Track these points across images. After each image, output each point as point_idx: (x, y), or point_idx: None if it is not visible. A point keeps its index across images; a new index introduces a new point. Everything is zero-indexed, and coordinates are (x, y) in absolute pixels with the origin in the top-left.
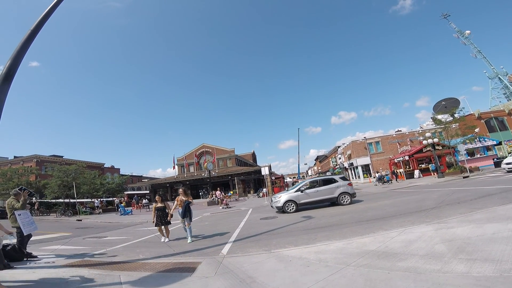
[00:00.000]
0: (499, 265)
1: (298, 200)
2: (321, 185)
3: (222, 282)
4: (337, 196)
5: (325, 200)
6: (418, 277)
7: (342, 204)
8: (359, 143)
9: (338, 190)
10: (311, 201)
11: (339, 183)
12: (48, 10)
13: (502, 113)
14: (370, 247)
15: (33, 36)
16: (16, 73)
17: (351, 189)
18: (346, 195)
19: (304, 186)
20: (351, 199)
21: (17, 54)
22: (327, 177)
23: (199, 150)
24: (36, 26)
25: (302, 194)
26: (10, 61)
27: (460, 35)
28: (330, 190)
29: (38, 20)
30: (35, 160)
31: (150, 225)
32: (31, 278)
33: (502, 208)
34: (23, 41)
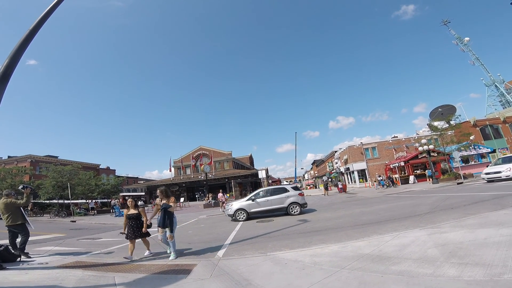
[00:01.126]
0: (490, 270)
1: (249, 209)
2: (272, 194)
3: (217, 285)
4: (287, 206)
5: (275, 209)
6: (411, 281)
7: (292, 214)
8: (355, 148)
9: (288, 200)
10: (261, 210)
11: (290, 192)
12: (47, 10)
13: (497, 121)
14: (365, 250)
15: (32, 35)
16: (12, 73)
17: (301, 199)
18: (296, 205)
19: (256, 196)
20: (301, 209)
21: (14, 54)
22: (279, 187)
23: (196, 152)
24: (35, 26)
25: (253, 203)
26: (8, 61)
27: (459, 42)
28: (281, 200)
29: (38, 20)
30: (30, 160)
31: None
32: (24, 279)
33: (494, 214)
34: (21, 41)
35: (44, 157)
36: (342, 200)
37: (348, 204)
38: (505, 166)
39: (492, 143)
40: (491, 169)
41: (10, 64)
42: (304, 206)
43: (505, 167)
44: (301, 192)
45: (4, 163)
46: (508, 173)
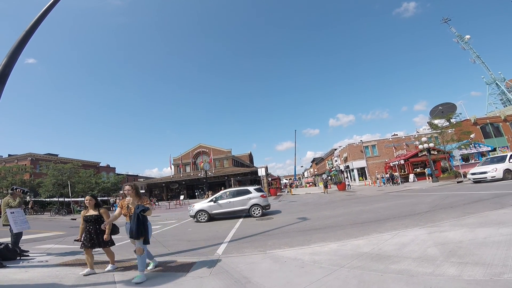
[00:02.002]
0: (490, 269)
1: (210, 211)
2: (234, 196)
3: (216, 282)
4: (249, 208)
5: (238, 211)
6: (411, 280)
7: (254, 216)
8: (355, 146)
9: (250, 202)
10: (223, 212)
11: (252, 194)
12: (45, 10)
13: (498, 119)
14: (364, 249)
15: (30, 34)
16: (11, 72)
17: (263, 201)
18: (258, 207)
19: (218, 197)
20: (263, 211)
21: (12, 53)
22: (242, 189)
23: (196, 150)
24: (33, 25)
25: (214, 205)
26: (6, 60)
27: (460, 39)
28: (242, 202)
29: (35, 19)
30: (30, 158)
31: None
32: (24, 277)
33: (494, 213)
34: (19, 40)
35: (44, 155)
36: (342, 198)
37: (347, 202)
38: (491, 167)
39: (492, 141)
40: (477, 169)
41: (8, 63)
42: (266, 208)
43: (491, 167)
44: (264, 194)
45: (4, 162)
46: (493, 174)
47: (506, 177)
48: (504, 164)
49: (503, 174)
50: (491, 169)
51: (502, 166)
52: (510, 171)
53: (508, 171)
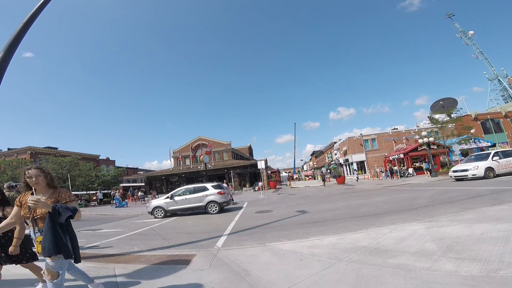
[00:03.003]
0: (486, 265)
1: (167, 207)
2: (191, 193)
3: (216, 275)
4: (205, 205)
5: (194, 208)
6: (408, 275)
7: (210, 213)
8: (355, 139)
9: (207, 199)
10: (179, 208)
11: (209, 191)
12: (41, 3)
13: (499, 115)
14: (363, 243)
15: (26, 28)
16: (7, 67)
17: (220, 198)
18: (215, 203)
19: (175, 194)
20: (220, 208)
21: (9, 47)
22: (200, 185)
23: (195, 143)
24: (29, 19)
25: (171, 202)
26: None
27: (463, 35)
28: (199, 199)
29: (31, 13)
30: (29, 152)
31: (145, 217)
32: (25, 271)
33: (491, 209)
34: (15, 34)
35: (43, 148)
36: (341, 191)
37: (346, 196)
38: (473, 164)
39: (492, 137)
40: (459, 166)
41: (4, 57)
42: (224, 205)
43: (472, 165)
44: (221, 191)
45: (4, 156)
46: (474, 172)
47: (487, 175)
48: (486, 162)
49: (484, 172)
50: (472, 167)
51: (483, 164)
52: (491, 170)
53: (490, 169)
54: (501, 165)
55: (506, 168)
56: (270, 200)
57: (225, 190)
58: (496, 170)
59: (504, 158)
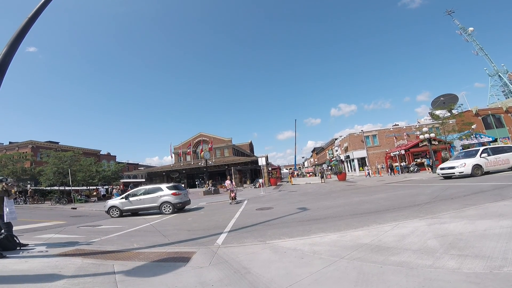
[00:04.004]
0: (489, 262)
1: (122, 207)
2: (146, 194)
3: (216, 273)
4: (159, 205)
5: (148, 208)
6: (410, 272)
7: (164, 214)
8: (356, 136)
9: (161, 200)
10: (134, 208)
11: (163, 192)
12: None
13: (500, 110)
14: (364, 240)
15: (31, 23)
16: (11, 62)
17: (174, 199)
18: (169, 204)
19: (130, 194)
20: (174, 209)
21: (13, 42)
22: (155, 186)
23: (196, 139)
24: (34, 13)
25: (126, 202)
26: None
27: (463, 32)
28: (153, 199)
29: (37, 8)
30: (31, 146)
31: (145, 214)
32: (23, 267)
33: (494, 205)
34: (19, 30)
35: (45, 143)
36: (342, 188)
37: (347, 193)
38: (460, 162)
39: (493, 132)
40: (446, 164)
41: (8, 52)
42: (178, 206)
43: (459, 162)
44: (176, 192)
45: (5, 149)
46: (461, 169)
47: (475, 173)
48: (473, 159)
49: (472, 169)
50: (460, 164)
51: (471, 161)
52: (479, 167)
53: (478, 166)
54: (490, 162)
55: (495, 165)
56: (271, 197)
57: (181, 192)
58: (484, 168)
59: (493, 155)
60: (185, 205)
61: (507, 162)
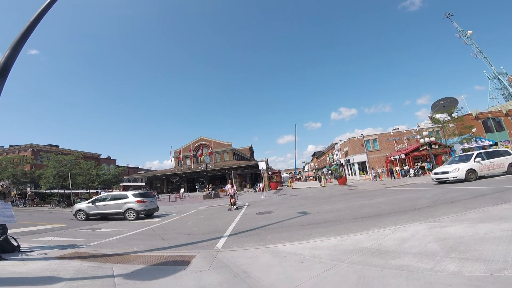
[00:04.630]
0: (490, 265)
1: (88, 211)
2: (112, 200)
3: (216, 277)
4: (123, 211)
5: (113, 213)
6: (411, 276)
7: (128, 219)
8: (356, 140)
9: (125, 206)
10: (99, 213)
11: (129, 199)
12: (48, 3)
13: (500, 113)
14: (364, 244)
15: (33, 27)
16: (13, 65)
17: (138, 206)
18: (133, 211)
19: (97, 199)
20: (138, 215)
21: (15, 45)
22: (121, 193)
23: (197, 143)
24: (37, 17)
25: (92, 206)
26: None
27: (462, 35)
28: (118, 205)
29: (40, 10)
30: (31, 149)
31: (144, 217)
32: (22, 270)
33: (495, 208)
34: (21, 33)
35: (45, 146)
36: (342, 192)
37: (348, 197)
38: (454, 166)
39: (494, 135)
40: (440, 168)
41: (10, 55)
42: (142, 213)
43: (453, 167)
44: (141, 199)
45: (5, 152)
46: (455, 174)
47: (469, 177)
48: (467, 164)
49: (466, 174)
50: (453, 169)
51: (465, 166)
52: (473, 172)
53: (472, 171)
54: (484, 167)
55: (489, 169)
56: (271, 201)
57: (147, 199)
58: (478, 172)
59: (487, 160)
60: (151, 212)
61: (502, 166)
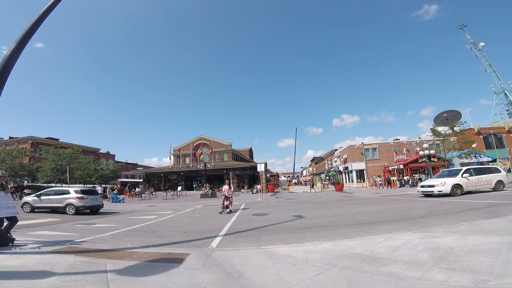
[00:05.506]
0: (476, 276)
1: (33, 204)
2: (55, 194)
3: (209, 275)
4: (64, 206)
5: (55, 207)
6: (399, 283)
7: (67, 213)
8: (356, 148)
9: (66, 201)
10: (43, 206)
11: (70, 195)
12: None
13: (502, 130)
14: (357, 250)
15: (41, 20)
16: (16, 61)
17: (78, 202)
18: (72, 206)
19: (42, 194)
20: (77, 210)
21: (22, 39)
22: (62, 189)
23: (196, 142)
24: (46, 10)
25: (37, 199)
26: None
27: (473, 46)
28: (60, 200)
29: (45, 8)
30: (30, 142)
31: (141, 214)
32: (15, 264)
33: (486, 221)
34: (28, 27)
35: (45, 139)
36: (338, 198)
37: (343, 203)
38: (440, 180)
39: (493, 152)
40: (427, 182)
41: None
42: (81, 208)
43: (440, 181)
44: (81, 196)
45: (5, 144)
46: (441, 188)
47: (454, 192)
48: (454, 179)
49: (451, 189)
50: (440, 183)
51: (451, 180)
52: (459, 187)
53: (458, 186)
54: (471, 182)
55: (476, 185)
56: (268, 203)
57: (88, 196)
58: (464, 187)
59: (475, 176)
60: (93, 209)
61: (489, 183)
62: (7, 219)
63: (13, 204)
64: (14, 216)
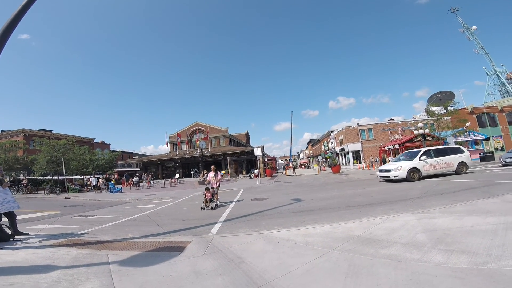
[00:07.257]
0: (474, 258)
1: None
2: None
3: (210, 262)
4: None
5: None
6: (399, 265)
7: None
8: (352, 129)
9: None
10: None
11: None
12: None
13: (495, 109)
14: (355, 232)
15: (24, 11)
16: (1, 51)
17: None
18: None
19: None
20: None
21: (4, 30)
22: None
23: (192, 128)
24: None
25: None
26: None
27: (466, 30)
28: None
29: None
30: (23, 134)
31: (140, 203)
32: (17, 259)
33: (482, 202)
34: (12, 17)
35: (37, 131)
36: (336, 180)
37: (341, 185)
38: (397, 164)
39: (487, 130)
40: (385, 166)
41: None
42: None
43: (396, 165)
44: None
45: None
46: (396, 173)
47: (411, 177)
48: (411, 163)
49: (407, 174)
50: (396, 167)
51: (408, 164)
52: (417, 171)
53: (415, 170)
54: (430, 166)
55: (435, 168)
56: (266, 188)
57: None
58: (422, 171)
59: (434, 158)
60: None
61: (451, 166)
62: (5, 214)
63: (13, 198)
64: (12, 211)
